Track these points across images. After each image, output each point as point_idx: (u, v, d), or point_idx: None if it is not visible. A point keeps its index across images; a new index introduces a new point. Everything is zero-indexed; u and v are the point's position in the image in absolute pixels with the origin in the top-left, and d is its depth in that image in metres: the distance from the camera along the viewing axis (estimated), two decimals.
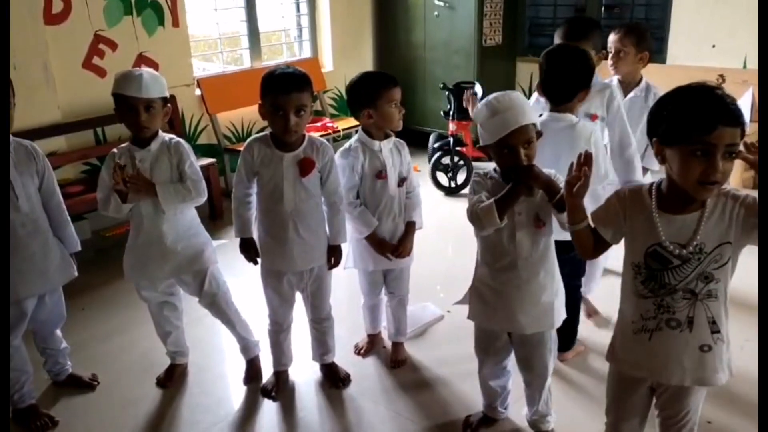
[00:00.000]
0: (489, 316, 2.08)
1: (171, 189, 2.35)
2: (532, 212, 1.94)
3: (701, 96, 1.47)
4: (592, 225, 1.74)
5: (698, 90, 1.48)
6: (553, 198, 1.86)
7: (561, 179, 1.88)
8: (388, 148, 2.50)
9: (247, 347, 2.72)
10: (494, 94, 1.91)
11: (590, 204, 1.78)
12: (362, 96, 2.43)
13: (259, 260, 2.46)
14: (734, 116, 1.44)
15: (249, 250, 2.44)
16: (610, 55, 3.12)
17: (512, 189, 1.88)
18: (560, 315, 2.08)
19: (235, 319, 2.66)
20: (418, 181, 2.65)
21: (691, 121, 1.45)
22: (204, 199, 2.43)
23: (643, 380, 1.73)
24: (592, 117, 2.69)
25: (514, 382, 2.31)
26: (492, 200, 1.87)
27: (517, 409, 2.37)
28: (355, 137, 2.53)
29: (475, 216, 1.91)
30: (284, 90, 2.19)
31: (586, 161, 1.68)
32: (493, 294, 2.04)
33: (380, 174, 2.48)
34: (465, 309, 2.17)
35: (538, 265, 1.99)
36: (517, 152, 1.86)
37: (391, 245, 2.54)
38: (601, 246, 1.75)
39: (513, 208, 1.91)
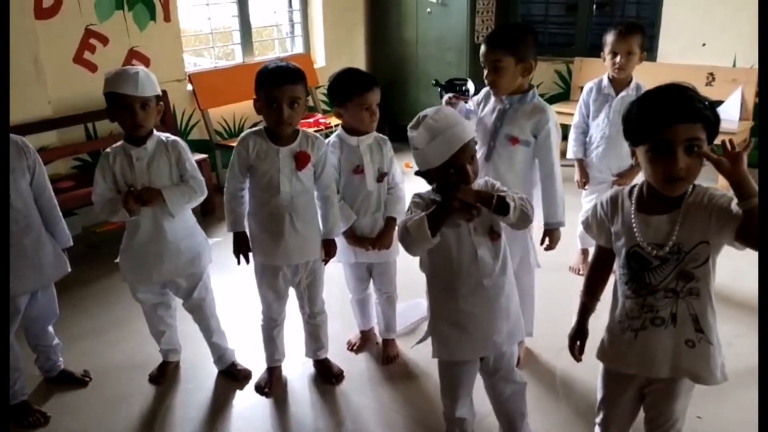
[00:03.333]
0: (460, 346, 1.91)
1: (177, 192, 2.36)
2: (486, 225, 1.83)
3: (659, 96, 1.52)
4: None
5: (659, 90, 1.53)
6: (489, 207, 1.75)
7: (497, 185, 1.85)
8: (367, 143, 2.51)
9: (222, 356, 2.71)
10: (426, 114, 1.78)
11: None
12: (336, 94, 2.47)
13: (251, 256, 2.46)
14: (690, 112, 1.46)
15: (241, 245, 2.44)
16: (617, 58, 3.10)
17: (443, 202, 1.75)
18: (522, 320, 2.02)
19: (215, 326, 2.66)
20: (401, 177, 2.65)
21: (648, 120, 1.51)
22: (205, 196, 2.45)
23: (634, 379, 1.75)
24: (512, 140, 2.41)
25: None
26: (423, 213, 1.74)
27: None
28: (335, 133, 2.56)
29: (404, 232, 1.76)
30: (277, 83, 2.22)
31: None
32: (462, 321, 1.88)
33: (357, 169, 2.49)
34: None
35: (502, 277, 1.88)
36: (465, 171, 1.75)
37: (369, 239, 2.55)
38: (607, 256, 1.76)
39: (469, 226, 1.80)
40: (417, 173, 1.86)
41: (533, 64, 2.40)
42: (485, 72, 2.42)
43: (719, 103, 4.84)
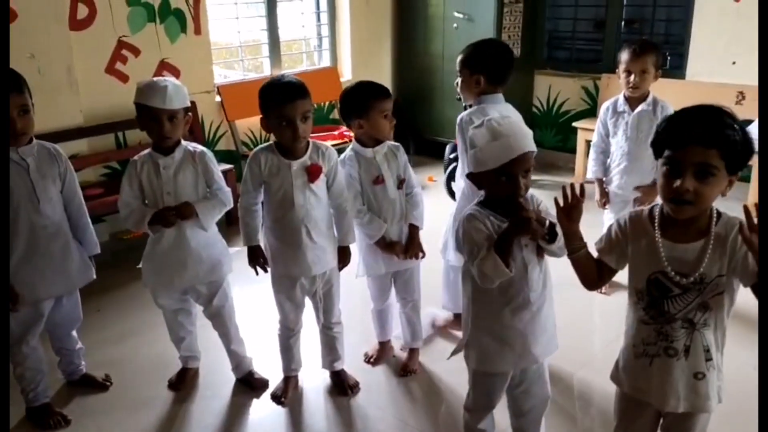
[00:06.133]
0: (502, 358, 1.92)
1: (209, 206, 2.42)
2: (535, 242, 1.84)
3: (687, 114, 1.51)
4: (595, 254, 1.74)
5: (691, 109, 1.51)
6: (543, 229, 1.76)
7: (542, 202, 1.86)
8: (383, 153, 2.54)
9: (240, 364, 2.73)
10: (492, 117, 1.80)
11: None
12: (354, 106, 2.50)
13: (267, 268, 2.49)
14: (708, 136, 1.43)
15: (257, 258, 2.47)
16: (631, 77, 3.11)
17: (507, 230, 1.76)
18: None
19: (233, 333, 2.68)
20: (417, 181, 2.68)
21: (668, 135, 1.50)
22: (231, 206, 2.50)
23: (650, 403, 1.72)
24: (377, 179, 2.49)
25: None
26: (492, 252, 1.74)
27: None
28: (349, 147, 2.59)
29: (483, 276, 1.77)
30: (289, 99, 2.24)
31: (581, 190, 1.68)
32: (506, 335, 1.89)
33: (377, 179, 2.52)
34: None
35: (545, 292, 1.91)
36: (517, 181, 1.75)
37: (401, 246, 2.58)
38: (606, 274, 1.74)
39: (521, 242, 1.79)
40: (468, 175, 1.87)
41: (482, 80, 2.62)
42: None
43: (749, 122, 4.76)
